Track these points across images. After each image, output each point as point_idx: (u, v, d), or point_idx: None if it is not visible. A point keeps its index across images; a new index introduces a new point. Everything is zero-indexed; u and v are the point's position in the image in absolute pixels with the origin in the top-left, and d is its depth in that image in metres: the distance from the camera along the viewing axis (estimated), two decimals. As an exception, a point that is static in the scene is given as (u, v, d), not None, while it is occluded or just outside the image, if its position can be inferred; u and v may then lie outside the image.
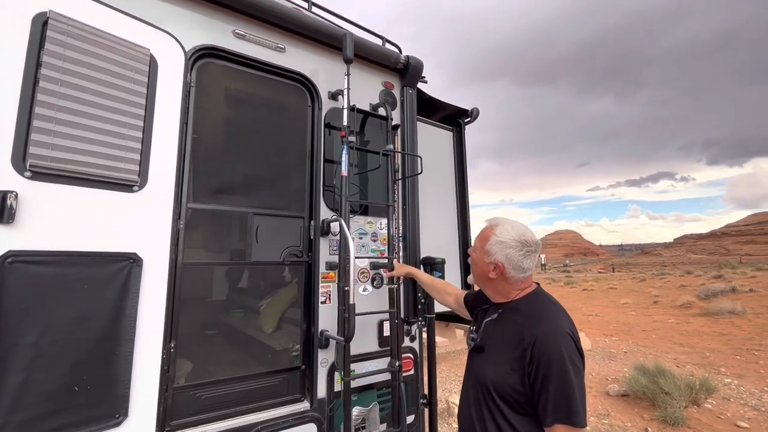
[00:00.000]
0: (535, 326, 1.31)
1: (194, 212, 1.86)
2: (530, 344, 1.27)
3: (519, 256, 1.39)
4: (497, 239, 1.43)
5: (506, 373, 1.31)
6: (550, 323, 1.31)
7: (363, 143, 2.52)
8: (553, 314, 1.36)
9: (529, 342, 1.28)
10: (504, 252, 1.41)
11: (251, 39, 2.07)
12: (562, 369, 1.20)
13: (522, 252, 1.39)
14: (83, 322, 1.40)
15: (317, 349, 2.07)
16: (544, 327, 1.30)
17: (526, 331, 1.31)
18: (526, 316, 1.37)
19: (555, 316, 1.35)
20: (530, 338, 1.28)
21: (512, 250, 1.39)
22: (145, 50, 1.65)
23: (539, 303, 1.42)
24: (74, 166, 1.43)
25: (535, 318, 1.35)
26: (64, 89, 1.43)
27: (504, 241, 1.41)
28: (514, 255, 1.39)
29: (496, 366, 1.37)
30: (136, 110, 1.60)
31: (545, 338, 1.26)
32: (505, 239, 1.41)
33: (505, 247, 1.40)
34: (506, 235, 1.42)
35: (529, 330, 1.31)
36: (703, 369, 6.99)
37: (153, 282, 1.59)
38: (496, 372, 1.35)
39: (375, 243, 2.43)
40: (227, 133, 2.13)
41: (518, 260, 1.39)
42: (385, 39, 2.72)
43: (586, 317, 13.72)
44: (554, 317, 1.34)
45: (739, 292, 14.63)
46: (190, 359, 1.83)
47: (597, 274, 44.60)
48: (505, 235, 1.42)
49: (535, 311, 1.38)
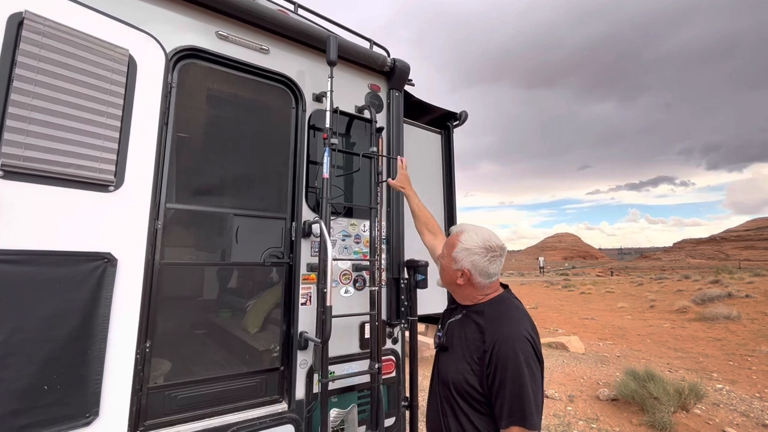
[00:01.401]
0: (496, 329, 1.34)
1: (173, 212, 1.87)
2: (490, 347, 1.30)
3: (485, 261, 1.42)
4: (463, 246, 1.46)
5: (467, 373, 1.35)
6: (510, 327, 1.34)
7: (348, 145, 2.52)
8: (514, 318, 1.39)
9: (489, 344, 1.31)
10: (470, 259, 1.44)
11: (235, 40, 2.08)
12: (518, 373, 1.23)
13: (487, 258, 1.42)
14: (54, 321, 1.40)
15: (296, 350, 2.08)
16: (505, 330, 1.33)
17: (488, 333, 1.35)
18: (489, 319, 1.40)
19: (516, 320, 1.38)
20: (490, 341, 1.32)
21: (478, 257, 1.42)
22: (123, 51, 1.66)
23: (503, 307, 1.45)
24: (48, 165, 1.44)
25: (497, 321, 1.38)
26: (39, 89, 1.43)
27: (469, 248, 1.44)
28: (480, 261, 1.42)
29: (457, 366, 1.40)
30: (113, 110, 1.61)
31: (504, 341, 1.29)
32: (471, 246, 1.44)
33: (471, 253, 1.43)
34: (471, 242, 1.45)
35: (490, 333, 1.35)
36: (696, 374, 7.00)
37: (128, 282, 1.60)
38: (457, 371, 1.39)
39: (358, 245, 2.43)
40: (209, 133, 2.14)
41: (484, 266, 1.43)
42: (373, 42, 2.73)
43: (582, 321, 13.73)
44: (515, 321, 1.37)
45: (736, 297, 14.65)
46: (167, 359, 1.84)
47: (595, 277, 44.63)
48: (470, 242, 1.45)
49: (498, 315, 1.41)
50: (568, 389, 5.96)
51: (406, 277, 2.55)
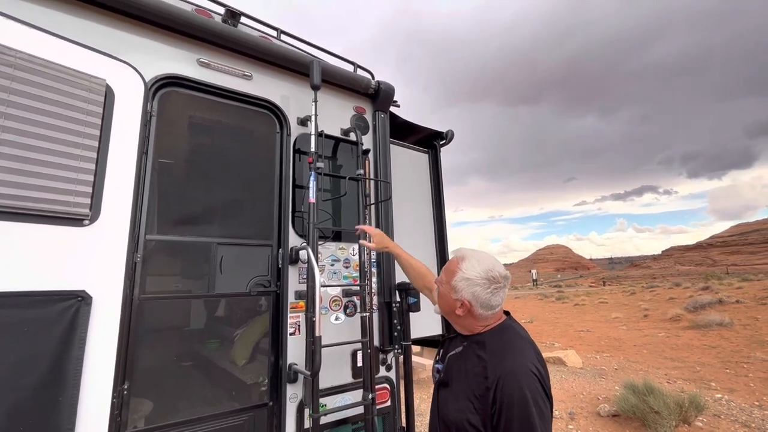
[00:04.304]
0: (500, 363, 1.24)
1: (153, 244, 1.79)
2: (493, 383, 1.20)
3: (487, 294, 1.31)
4: (463, 276, 1.35)
5: (469, 412, 1.24)
6: (515, 360, 1.24)
7: (335, 168, 2.49)
8: (519, 349, 1.29)
9: (492, 381, 1.21)
10: (471, 290, 1.33)
11: (217, 67, 2.06)
12: (525, 413, 1.13)
13: (490, 290, 1.31)
14: (22, 367, 1.30)
15: (285, 383, 1.98)
16: (508, 364, 1.23)
17: (490, 368, 1.25)
18: (492, 351, 1.30)
19: (521, 351, 1.28)
20: (494, 377, 1.21)
21: (479, 288, 1.32)
22: (100, 81, 1.62)
23: (506, 337, 1.35)
24: (18, 201, 1.37)
25: (500, 354, 1.28)
26: (9, 122, 1.38)
27: (470, 278, 1.33)
28: (482, 293, 1.31)
29: (458, 403, 1.30)
30: (89, 141, 1.56)
31: (509, 377, 1.19)
32: (472, 276, 1.33)
33: (472, 284, 1.32)
34: (472, 272, 1.34)
35: (493, 367, 1.24)
36: (694, 384, 6.94)
37: (104, 320, 1.51)
38: (458, 410, 1.28)
39: (347, 270, 2.37)
40: (191, 161, 2.09)
41: (486, 298, 1.31)
42: (357, 65, 2.74)
43: (578, 333, 13.65)
44: (520, 353, 1.27)
45: (726, 303, 14.77)
46: (148, 398, 1.73)
47: (588, 288, 44.79)
48: (471, 272, 1.34)
49: (501, 346, 1.31)
50: (568, 406, 5.84)
51: (397, 301, 2.49)
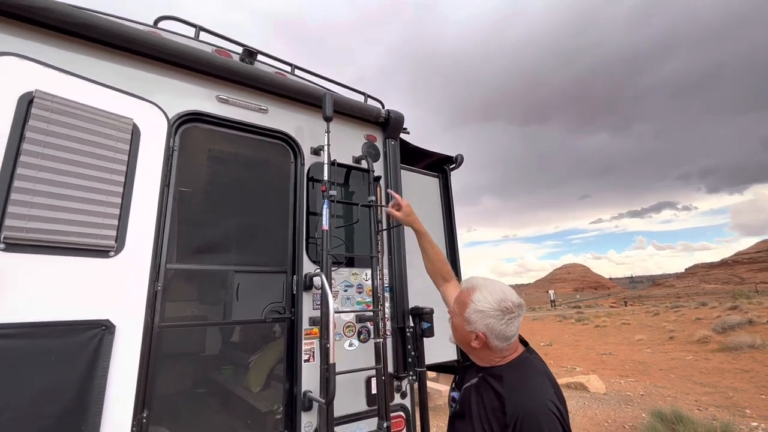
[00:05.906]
0: (519, 401, 1.22)
1: (173, 273, 1.86)
2: (512, 421, 1.18)
3: (501, 325, 1.29)
4: (476, 308, 1.33)
5: None
6: (533, 400, 1.21)
7: (347, 195, 2.55)
8: (538, 386, 1.25)
9: (511, 418, 1.18)
10: (484, 322, 1.31)
11: (234, 102, 2.18)
12: None
13: (504, 321, 1.29)
14: (48, 396, 1.35)
15: (300, 411, 1.98)
16: (527, 403, 1.20)
17: (509, 405, 1.22)
18: (510, 387, 1.27)
19: (539, 388, 1.25)
20: (512, 414, 1.19)
21: (493, 320, 1.30)
22: (128, 120, 1.73)
23: (524, 371, 1.31)
24: (50, 235, 1.45)
25: (519, 390, 1.25)
26: (45, 162, 1.48)
27: (483, 310, 1.31)
28: (496, 325, 1.29)
29: None
30: (116, 177, 1.65)
31: (528, 418, 1.16)
32: (484, 308, 1.31)
33: (485, 316, 1.31)
34: (485, 303, 1.32)
35: (511, 405, 1.22)
36: (727, 411, 6.56)
37: (126, 348, 1.56)
38: None
39: (360, 295, 2.39)
40: (210, 192, 2.18)
41: (501, 330, 1.29)
42: (367, 95, 2.85)
43: (600, 356, 13.15)
44: (539, 390, 1.24)
45: (757, 323, 14.07)
46: (165, 426, 1.75)
47: (609, 308, 43.28)
48: (483, 303, 1.32)
49: (519, 382, 1.28)
50: (592, 435, 5.58)
51: (411, 326, 2.48)
